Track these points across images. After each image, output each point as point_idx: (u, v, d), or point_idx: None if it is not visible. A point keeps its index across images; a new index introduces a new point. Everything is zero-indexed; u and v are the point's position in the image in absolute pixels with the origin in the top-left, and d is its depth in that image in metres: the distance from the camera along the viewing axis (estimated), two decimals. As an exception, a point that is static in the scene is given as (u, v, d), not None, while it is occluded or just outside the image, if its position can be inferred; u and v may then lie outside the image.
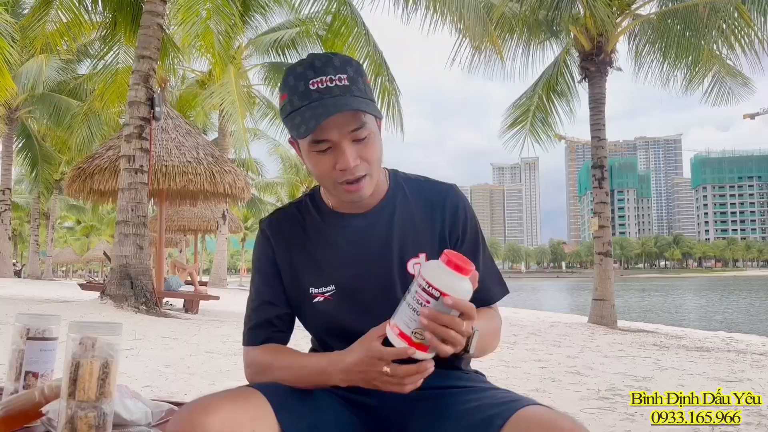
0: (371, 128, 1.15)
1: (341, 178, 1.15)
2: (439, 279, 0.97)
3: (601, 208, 10.93)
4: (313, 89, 1.12)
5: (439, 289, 0.97)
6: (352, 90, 1.12)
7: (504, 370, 4.84)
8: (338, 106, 1.09)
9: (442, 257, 0.99)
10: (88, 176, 10.29)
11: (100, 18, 11.49)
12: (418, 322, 0.97)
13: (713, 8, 9.77)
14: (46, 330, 1.28)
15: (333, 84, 1.12)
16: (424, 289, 0.98)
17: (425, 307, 0.97)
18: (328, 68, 1.13)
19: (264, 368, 1.21)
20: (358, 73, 1.16)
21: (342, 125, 1.12)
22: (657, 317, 17.57)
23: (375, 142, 1.17)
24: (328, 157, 1.15)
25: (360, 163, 1.14)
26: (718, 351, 7.12)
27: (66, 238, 63.54)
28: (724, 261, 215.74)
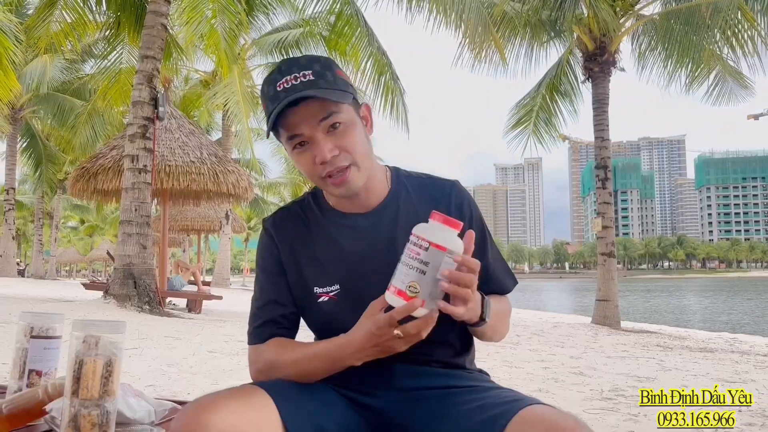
0: (345, 117, 1.15)
1: (323, 171, 1.15)
2: (432, 233, 1.02)
3: (604, 208, 10.92)
4: (279, 90, 1.13)
5: (428, 240, 1.01)
6: (318, 83, 1.13)
7: (507, 370, 4.84)
8: (299, 98, 1.11)
9: (432, 215, 1.04)
10: (92, 176, 10.32)
11: (104, 18, 11.52)
12: (411, 276, 1.00)
13: (716, 8, 9.75)
14: (49, 328, 1.29)
15: (297, 81, 1.13)
16: (414, 243, 1.02)
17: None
18: (293, 68, 1.15)
19: (271, 365, 1.19)
20: (325, 67, 1.16)
21: (310, 117, 1.13)
22: (660, 318, 17.55)
23: (352, 131, 1.16)
24: (307, 153, 1.15)
25: (339, 153, 1.14)
26: (722, 352, 7.10)
27: (69, 237, 63.71)
28: (727, 262, 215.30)
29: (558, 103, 12.48)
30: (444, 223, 1.02)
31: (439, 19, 9.56)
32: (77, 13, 11.27)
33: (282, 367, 1.18)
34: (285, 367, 1.17)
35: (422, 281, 1.00)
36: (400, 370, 1.21)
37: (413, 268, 1.01)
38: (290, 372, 1.17)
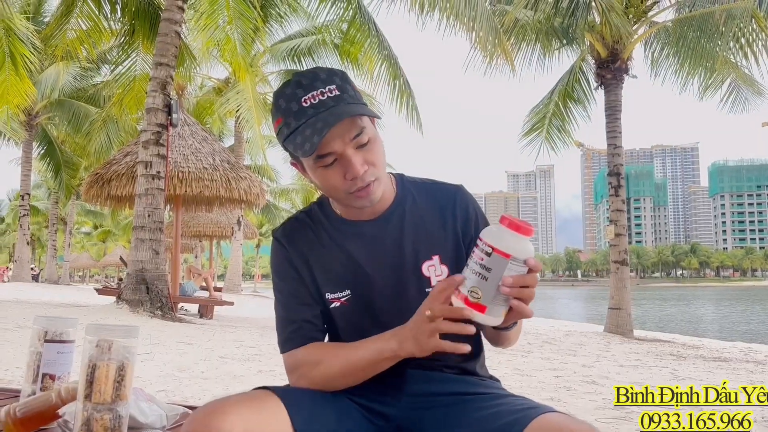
0: (370, 132, 1.16)
1: (353, 187, 1.15)
2: (497, 239, 0.99)
3: (617, 216, 10.84)
4: (306, 106, 1.11)
5: (492, 245, 0.99)
6: (345, 98, 1.13)
7: (519, 378, 4.81)
8: (336, 116, 1.09)
9: (502, 220, 1.01)
10: (106, 182, 10.41)
11: (119, 26, 11.65)
12: (473, 281, 0.99)
13: (729, 15, 9.68)
14: (63, 333, 1.30)
15: (325, 97, 1.11)
16: (479, 247, 1.00)
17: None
18: (316, 83, 1.13)
19: (314, 365, 1.17)
20: (345, 81, 1.16)
21: (343, 134, 1.12)
22: (674, 327, 17.39)
23: (377, 145, 1.17)
24: (335, 169, 1.14)
25: (368, 168, 1.14)
26: (737, 361, 7.02)
27: (83, 243, 64.16)
28: (742, 270, 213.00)
29: (571, 110, 12.44)
30: (511, 228, 0.99)
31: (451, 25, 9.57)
32: (92, 21, 11.41)
33: (326, 363, 1.16)
34: (329, 363, 1.16)
35: (484, 287, 0.99)
36: (411, 375, 1.21)
37: (476, 273, 0.99)
38: (336, 367, 1.15)
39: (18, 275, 23.82)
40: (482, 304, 0.99)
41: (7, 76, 9.97)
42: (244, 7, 9.79)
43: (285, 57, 18.19)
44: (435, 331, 1.03)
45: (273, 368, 4.75)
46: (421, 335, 1.04)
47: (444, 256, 1.23)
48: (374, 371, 1.15)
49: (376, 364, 1.13)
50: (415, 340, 1.06)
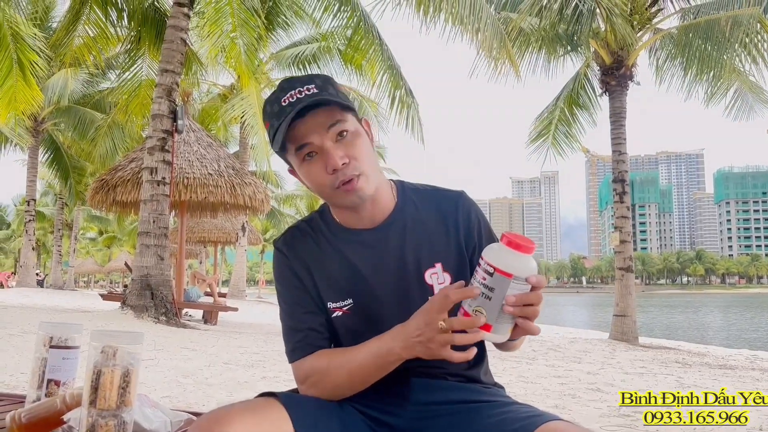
0: (351, 126, 1.17)
1: (335, 181, 1.15)
2: (498, 258, 0.99)
3: (622, 222, 10.82)
4: (285, 105, 1.15)
5: (494, 265, 0.99)
6: (322, 95, 1.15)
7: (523, 385, 4.79)
8: (307, 106, 1.12)
9: (502, 239, 1.00)
10: (111, 188, 10.45)
11: (125, 32, 11.73)
12: (477, 301, 1.00)
13: (735, 22, 9.66)
14: (68, 338, 1.30)
15: (302, 95, 1.14)
16: (481, 267, 1.00)
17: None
18: (295, 84, 1.17)
19: (323, 372, 1.17)
20: (326, 82, 1.18)
21: (318, 126, 1.14)
22: (679, 334, 17.30)
23: (360, 140, 1.18)
24: (317, 163, 1.16)
25: (349, 161, 1.15)
26: (742, 369, 6.97)
27: (88, 248, 64.34)
28: (747, 277, 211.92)
29: (577, 116, 12.45)
30: (511, 247, 0.98)
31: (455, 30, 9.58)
32: (99, 28, 11.48)
33: (333, 371, 1.16)
34: (336, 372, 1.16)
35: (487, 306, 0.99)
36: (416, 384, 1.20)
37: (480, 294, 0.99)
38: (342, 375, 1.15)
39: (23, 280, 23.90)
40: (488, 323, 1.00)
41: (14, 82, 10.03)
42: (248, 15, 9.84)
43: (290, 63, 18.27)
44: (449, 343, 1.02)
45: (277, 374, 4.74)
46: (434, 344, 1.03)
47: (447, 264, 1.23)
48: (380, 375, 1.14)
49: (381, 367, 1.13)
50: (426, 347, 1.05)
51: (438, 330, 1.02)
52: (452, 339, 1.02)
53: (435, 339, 1.03)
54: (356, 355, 1.15)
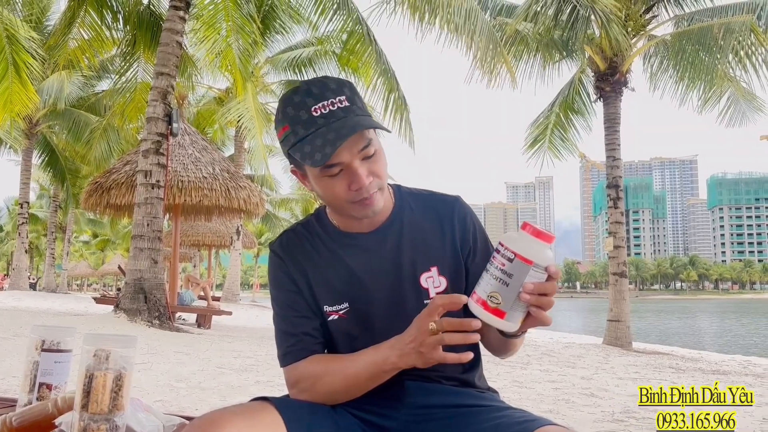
0: (376, 144, 1.16)
1: (357, 197, 1.14)
2: (520, 245, 0.99)
3: (616, 228, 10.86)
4: (317, 116, 1.10)
5: (515, 251, 0.98)
6: (354, 110, 1.12)
7: (517, 390, 4.79)
8: (350, 128, 1.09)
9: (523, 225, 1.00)
10: (105, 190, 10.41)
11: (121, 35, 11.71)
12: (493, 286, 0.99)
13: (728, 29, 9.73)
14: (60, 342, 1.29)
15: (335, 107, 1.11)
16: (500, 252, 0.99)
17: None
18: (326, 92, 1.12)
19: (316, 377, 1.16)
20: (354, 93, 1.16)
21: (352, 146, 1.11)
22: (673, 339, 17.34)
23: (381, 157, 1.17)
24: (341, 179, 1.14)
25: (372, 179, 1.14)
26: (736, 374, 7.00)
27: (81, 251, 64.12)
28: (740, 283, 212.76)
29: (572, 121, 12.51)
30: (533, 235, 0.99)
31: (450, 37, 9.61)
32: (94, 31, 11.46)
33: (326, 378, 1.15)
34: (330, 380, 1.15)
35: (504, 292, 0.98)
36: (411, 387, 1.20)
37: (497, 278, 0.99)
38: (336, 382, 1.15)
39: (15, 283, 23.76)
40: (502, 310, 0.99)
41: (10, 84, 10.00)
42: (244, 21, 9.84)
43: (286, 67, 18.29)
44: (439, 343, 1.02)
45: (271, 379, 4.73)
46: (425, 348, 1.03)
47: (442, 268, 1.23)
48: (375, 383, 1.14)
49: (377, 376, 1.13)
50: (418, 353, 1.05)
51: (428, 333, 1.02)
52: (442, 339, 1.01)
53: (426, 342, 1.03)
54: (353, 363, 1.14)
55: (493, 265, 1.00)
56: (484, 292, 0.99)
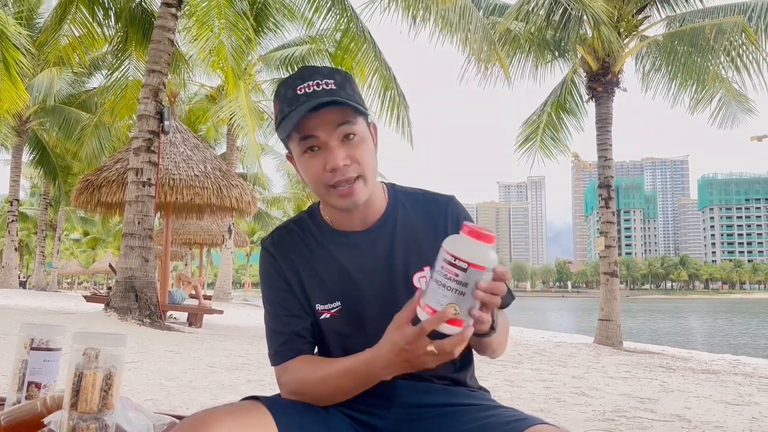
0: (360, 130, 1.16)
1: (332, 180, 1.14)
2: (469, 252, 0.96)
3: (607, 227, 10.90)
4: (300, 94, 1.13)
5: (468, 260, 0.95)
6: (339, 93, 1.13)
7: (509, 389, 4.80)
8: (323, 102, 1.11)
9: (463, 228, 0.98)
10: (96, 188, 10.35)
11: (112, 31, 11.64)
12: (450, 298, 0.95)
13: (720, 30, 9.79)
14: (50, 340, 1.28)
15: (320, 88, 1.13)
16: (451, 263, 0.96)
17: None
18: (315, 75, 1.15)
19: (301, 383, 1.16)
20: (345, 80, 1.17)
21: (328, 123, 1.13)
22: (663, 339, 17.44)
23: (366, 145, 1.17)
24: (318, 158, 1.14)
25: (350, 163, 1.14)
26: (725, 374, 7.04)
27: (72, 249, 63.77)
28: (730, 283, 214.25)
29: (564, 120, 12.55)
30: (479, 239, 0.96)
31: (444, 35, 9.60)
32: (85, 28, 11.39)
33: (312, 385, 1.15)
34: (315, 386, 1.14)
35: (461, 302, 0.96)
36: (402, 386, 1.20)
37: (451, 290, 0.95)
38: (321, 390, 1.14)
39: (5, 281, 23.60)
40: (460, 320, 0.97)
41: (-1, 81, 9.93)
42: (237, 18, 9.81)
43: (279, 66, 18.25)
44: (436, 359, 1.01)
45: (262, 378, 4.72)
46: (420, 363, 1.01)
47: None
48: (361, 389, 1.13)
49: (362, 386, 1.12)
50: (411, 366, 1.03)
51: (426, 353, 0.99)
52: (444, 356, 0.99)
53: (425, 360, 1.01)
54: (335, 371, 1.13)
55: (446, 276, 0.96)
56: (439, 305, 0.96)
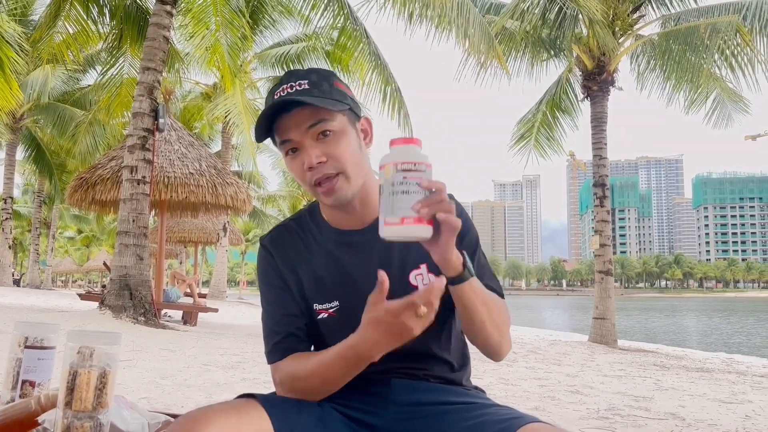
0: (336, 126, 1.16)
1: (312, 178, 1.16)
2: (420, 155, 1.00)
3: (602, 226, 10.93)
4: (276, 98, 1.15)
5: (422, 161, 0.99)
6: (312, 92, 1.15)
7: (503, 387, 4.81)
8: (288, 103, 1.13)
9: (406, 140, 1.02)
10: (90, 186, 10.31)
11: (107, 29, 11.59)
12: (416, 198, 0.98)
13: (714, 29, 9.82)
14: (44, 339, 1.28)
15: (293, 90, 1.15)
16: (411, 170, 0.99)
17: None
18: (291, 78, 1.17)
19: (293, 377, 1.16)
20: (322, 78, 1.18)
21: (299, 123, 1.14)
22: (657, 337, 17.50)
23: (343, 140, 1.17)
24: (297, 159, 1.17)
25: (327, 160, 1.15)
26: (719, 372, 7.07)
27: (66, 247, 63.55)
28: (724, 282, 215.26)
29: (559, 119, 12.58)
30: (416, 144, 1.01)
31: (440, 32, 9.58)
32: (80, 25, 11.34)
33: (303, 377, 1.15)
34: (306, 377, 1.15)
35: (427, 200, 1.00)
36: (397, 384, 1.20)
37: (419, 192, 0.98)
38: (313, 381, 1.14)
39: (-1, 279, 23.51)
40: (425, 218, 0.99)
41: (-7, 80, 9.86)
42: (233, 15, 9.78)
43: (274, 63, 18.21)
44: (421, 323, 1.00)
45: (257, 376, 4.72)
46: (402, 329, 1.00)
47: (432, 265, 1.21)
48: (353, 375, 1.13)
49: (353, 369, 1.11)
50: (395, 335, 1.01)
51: (415, 318, 0.98)
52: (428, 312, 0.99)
53: (410, 325, 0.99)
54: (325, 360, 1.13)
55: (411, 184, 0.98)
56: (407, 210, 0.98)
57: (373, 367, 1.11)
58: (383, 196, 1.00)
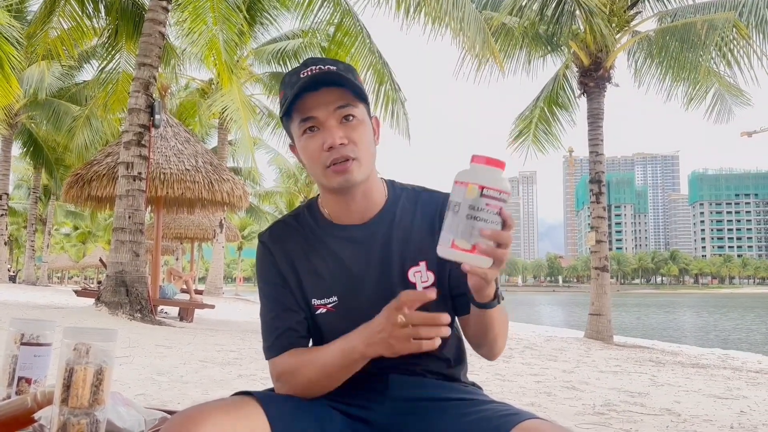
0: (359, 114, 1.17)
1: (328, 159, 1.15)
2: (503, 183, 0.96)
3: (598, 222, 10.94)
4: (302, 77, 1.15)
5: (506, 191, 0.96)
6: (341, 76, 1.15)
7: (499, 383, 4.82)
8: (320, 81, 1.14)
9: (478, 159, 0.98)
10: (86, 182, 10.27)
11: (102, 24, 11.53)
12: (492, 229, 0.95)
13: (711, 25, 9.82)
14: (40, 335, 1.27)
15: (320, 71, 1.15)
16: (495, 198, 0.95)
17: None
18: (318, 62, 1.17)
19: (291, 371, 1.17)
20: (348, 70, 1.19)
21: (328, 103, 1.15)
22: (653, 333, 17.55)
23: (363, 128, 1.18)
24: (317, 138, 1.16)
25: (347, 143, 1.15)
26: (714, 368, 7.10)
27: (62, 244, 63.39)
28: (720, 278, 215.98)
29: (557, 115, 12.58)
30: (497, 167, 0.97)
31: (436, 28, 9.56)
32: (75, 21, 11.28)
33: (301, 373, 1.15)
34: (305, 370, 1.15)
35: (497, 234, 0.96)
36: (394, 380, 1.20)
37: (496, 223, 0.96)
38: (310, 377, 1.14)
39: (-6, 276, 23.45)
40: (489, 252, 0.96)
41: (-8, 76, 9.81)
42: (230, 11, 9.74)
43: (270, 59, 18.17)
44: (410, 337, 1.00)
45: (254, 372, 4.72)
46: (394, 339, 1.01)
47: (431, 262, 1.22)
48: (349, 372, 1.13)
49: (347, 366, 1.12)
50: (387, 344, 1.03)
51: (398, 325, 1.00)
52: (416, 332, 0.99)
53: (395, 334, 1.01)
54: (323, 354, 1.14)
55: (491, 212, 0.95)
56: (470, 240, 0.95)
57: (371, 364, 1.11)
58: (458, 216, 0.97)
